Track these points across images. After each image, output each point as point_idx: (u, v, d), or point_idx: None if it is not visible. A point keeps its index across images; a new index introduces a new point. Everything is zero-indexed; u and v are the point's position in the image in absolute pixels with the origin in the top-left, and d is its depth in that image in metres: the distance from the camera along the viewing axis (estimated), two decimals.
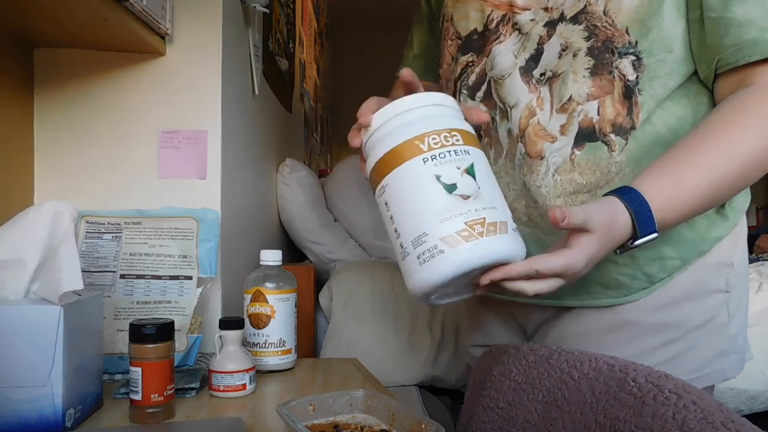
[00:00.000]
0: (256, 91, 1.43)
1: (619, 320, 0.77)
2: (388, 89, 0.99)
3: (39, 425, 0.65)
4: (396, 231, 0.65)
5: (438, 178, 0.62)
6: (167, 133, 1.05)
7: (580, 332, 0.79)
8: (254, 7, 1.28)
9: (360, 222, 1.89)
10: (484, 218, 0.60)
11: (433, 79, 0.97)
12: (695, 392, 0.50)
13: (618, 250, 0.67)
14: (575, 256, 0.62)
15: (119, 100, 1.05)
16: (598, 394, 0.57)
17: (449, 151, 0.63)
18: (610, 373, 0.57)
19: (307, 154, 2.80)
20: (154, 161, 1.05)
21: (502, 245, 0.61)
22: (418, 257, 0.61)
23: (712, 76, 0.72)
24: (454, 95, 0.84)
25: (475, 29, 0.81)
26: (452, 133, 0.64)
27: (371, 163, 0.68)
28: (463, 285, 0.66)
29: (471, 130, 0.68)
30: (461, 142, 0.64)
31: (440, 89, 0.88)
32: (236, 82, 1.21)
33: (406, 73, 0.75)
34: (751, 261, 2.31)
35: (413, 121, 0.65)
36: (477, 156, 0.65)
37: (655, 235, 0.65)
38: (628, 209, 0.64)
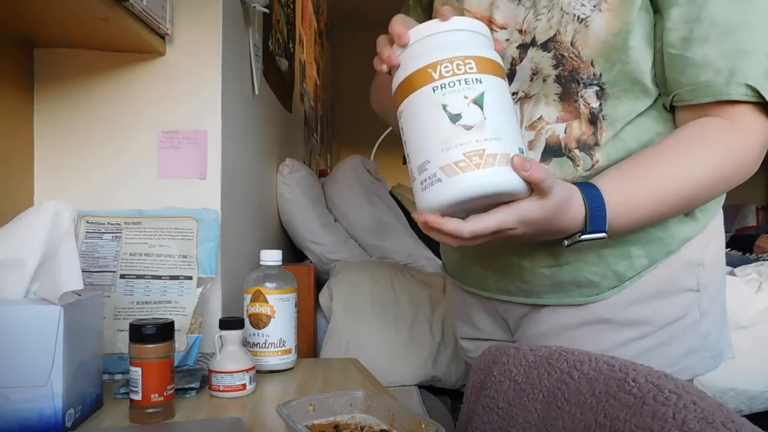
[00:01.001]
0: (256, 91, 1.43)
1: (592, 317, 0.79)
2: (388, 89, 0.99)
3: (39, 425, 0.65)
4: (408, 156, 0.67)
5: (444, 107, 0.63)
6: (167, 133, 1.05)
7: (557, 327, 0.81)
8: (254, 7, 1.28)
9: (360, 222, 1.89)
10: (483, 150, 0.61)
11: None
12: (695, 392, 0.50)
13: (567, 241, 0.69)
14: (509, 216, 0.62)
15: (119, 100, 1.05)
16: (598, 394, 0.57)
17: (459, 80, 0.63)
18: (610, 373, 0.57)
19: (307, 154, 2.80)
20: (154, 161, 1.05)
21: (499, 178, 0.61)
22: (422, 183, 0.64)
23: (670, 105, 0.75)
24: None
25: None
26: (466, 61, 0.64)
27: (394, 85, 0.69)
28: (471, 208, 0.66)
29: (494, 57, 0.67)
30: (474, 70, 0.64)
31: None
32: (236, 82, 1.21)
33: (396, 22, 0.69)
34: (751, 261, 2.30)
35: (433, 47, 0.66)
36: (490, 85, 0.64)
37: (603, 234, 0.67)
38: (585, 201, 0.66)
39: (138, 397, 0.70)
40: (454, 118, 0.62)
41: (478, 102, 0.63)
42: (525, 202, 0.62)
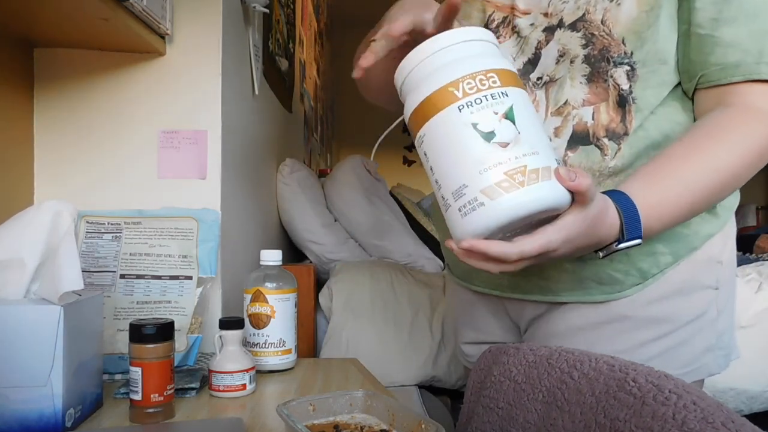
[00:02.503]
0: (256, 91, 1.43)
1: (612, 314, 0.78)
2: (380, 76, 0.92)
3: (39, 425, 0.65)
4: (437, 182, 0.63)
5: (475, 126, 0.59)
6: (167, 133, 1.05)
7: (573, 327, 0.80)
8: (254, 7, 1.29)
9: (360, 222, 1.89)
10: (525, 166, 0.58)
11: None
12: (695, 392, 0.50)
13: (601, 252, 0.67)
14: (555, 234, 0.60)
15: (119, 100, 1.05)
16: (598, 394, 0.57)
17: (485, 96, 0.59)
18: (610, 373, 0.57)
19: (307, 154, 2.80)
20: (154, 161, 1.05)
21: (545, 193, 0.58)
22: (459, 210, 0.60)
23: (693, 89, 0.75)
24: None
25: None
26: (489, 75, 0.60)
27: (408, 110, 0.65)
28: (512, 231, 0.63)
29: (510, 67, 0.64)
30: (498, 83, 0.60)
31: None
32: (236, 82, 1.21)
33: None
34: (751, 261, 2.30)
35: (447, 63, 0.62)
36: (516, 97, 0.61)
37: (639, 241, 0.65)
38: (618, 210, 0.65)
39: (138, 397, 0.70)
40: (488, 136, 0.58)
41: (509, 117, 0.59)
42: (568, 217, 0.60)
